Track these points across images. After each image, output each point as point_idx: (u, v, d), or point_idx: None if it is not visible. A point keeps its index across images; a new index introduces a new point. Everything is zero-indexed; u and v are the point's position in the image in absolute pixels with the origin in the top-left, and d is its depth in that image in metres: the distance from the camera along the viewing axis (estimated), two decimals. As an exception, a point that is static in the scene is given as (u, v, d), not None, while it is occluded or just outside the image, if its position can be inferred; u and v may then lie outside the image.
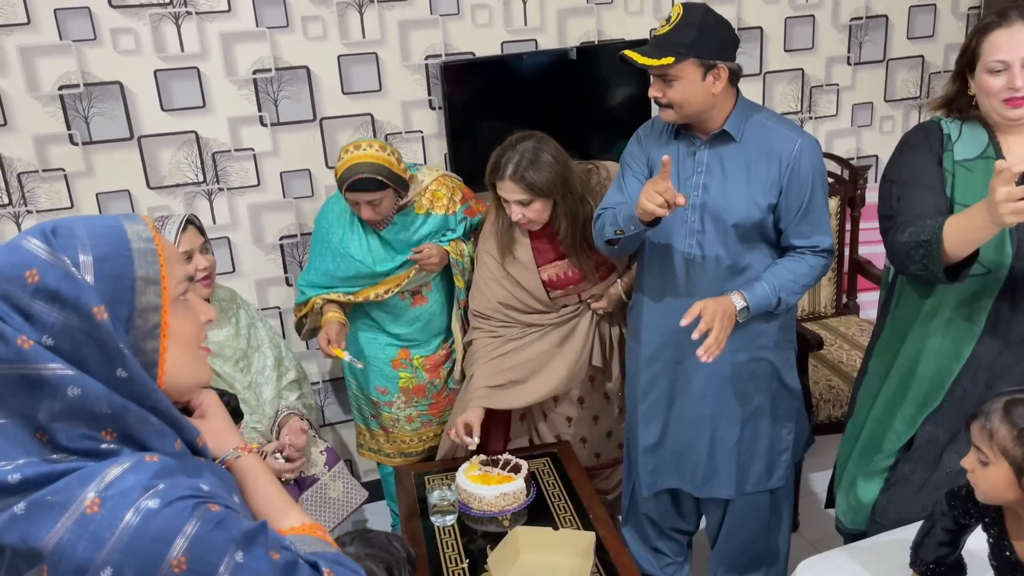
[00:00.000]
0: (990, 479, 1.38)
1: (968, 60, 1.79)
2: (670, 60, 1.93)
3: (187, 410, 1.12)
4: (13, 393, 0.88)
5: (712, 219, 2.07)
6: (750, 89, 3.11)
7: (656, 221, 1.95)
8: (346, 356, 2.45)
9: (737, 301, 2.02)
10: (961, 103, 1.83)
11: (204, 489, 0.92)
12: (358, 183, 2.33)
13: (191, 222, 2.17)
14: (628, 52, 1.98)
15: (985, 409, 1.38)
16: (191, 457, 0.99)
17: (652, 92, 2.02)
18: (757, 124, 2.06)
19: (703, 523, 2.49)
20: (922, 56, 3.36)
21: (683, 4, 1.99)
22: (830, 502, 2.26)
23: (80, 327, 0.88)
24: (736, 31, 2.04)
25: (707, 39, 1.95)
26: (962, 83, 1.82)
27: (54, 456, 0.89)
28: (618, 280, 2.47)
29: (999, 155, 1.76)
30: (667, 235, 2.13)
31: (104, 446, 0.90)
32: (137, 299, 0.92)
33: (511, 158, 2.27)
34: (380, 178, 2.34)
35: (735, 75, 2.02)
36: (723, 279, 2.09)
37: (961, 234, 1.61)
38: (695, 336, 1.93)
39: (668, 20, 1.98)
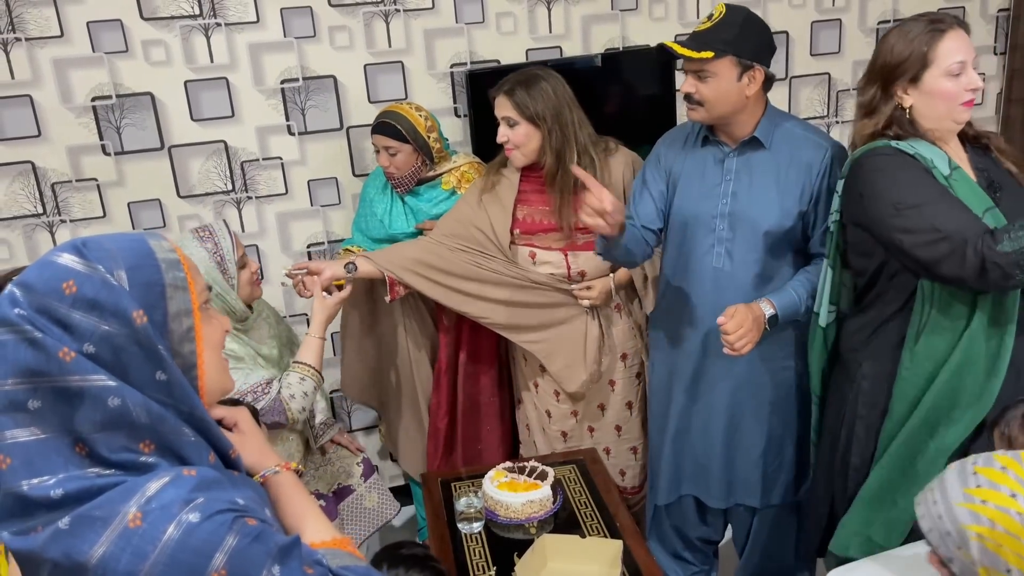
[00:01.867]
0: None
1: (914, 71, 1.72)
2: (709, 54, 1.94)
3: (222, 426, 1.14)
4: (53, 407, 0.90)
5: (742, 227, 2.07)
6: (776, 93, 3.09)
7: (621, 234, 1.95)
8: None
9: (766, 308, 2.01)
10: (897, 119, 1.76)
11: (240, 503, 0.94)
12: (379, 126, 2.49)
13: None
14: (668, 43, 1.99)
15: (1007, 416, 1.37)
16: (225, 470, 1.00)
17: (685, 88, 2.02)
18: (786, 132, 2.05)
19: (729, 532, 2.48)
20: (951, 59, 3.33)
21: (726, 4, 2.00)
22: (821, 550, 2.09)
23: (120, 333, 0.90)
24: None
25: (747, 39, 1.96)
26: (888, 97, 1.76)
27: (93, 470, 0.91)
28: (611, 274, 2.44)
29: (958, 165, 1.74)
30: (694, 243, 2.13)
31: (143, 459, 0.92)
32: (169, 304, 0.95)
33: (513, 77, 2.33)
34: (399, 128, 2.46)
35: (768, 81, 2.02)
36: (752, 287, 2.09)
37: None
38: (721, 320, 1.94)
39: (710, 17, 1.99)
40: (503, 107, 2.31)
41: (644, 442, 2.61)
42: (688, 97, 2.02)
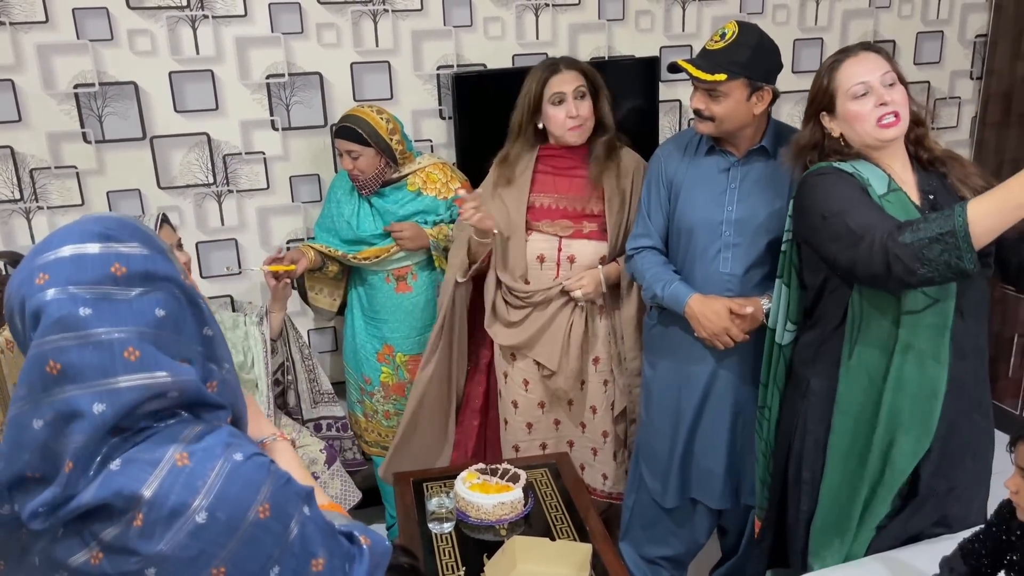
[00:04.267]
0: None
1: (826, 102, 1.80)
2: (722, 77, 1.99)
3: None
4: (115, 407, 0.90)
5: (749, 233, 2.13)
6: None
7: None
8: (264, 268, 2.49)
9: (765, 303, 2.10)
10: (833, 145, 1.82)
11: (264, 453, 0.99)
12: (341, 130, 2.52)
13: (166, 220, 2.20)
14: (681, 62, 2.05)
15: None
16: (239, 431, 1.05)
17: (695, 104, 2.07)
18: (790, 140, 2.11)
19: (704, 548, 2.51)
20: (928, 82, 3.39)
21: (738, 23, 2.05)
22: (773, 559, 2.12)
23: (176, 295, 0.96)
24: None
25: (759, 62, 2.02)
26: (820, 128, 1.83)
27: (130, 432, 0.93)
28: (600, 266, 2.46)
29: (899, 187, 1.77)
30: (700, 250, 2.19)
31: (175, 415, 0.96)
32: (176, 264, 1.00)
33: (561, 58, 2.40)
34: (360, 132, 2.49)
35: (774, 98, 2.09)
36: (759, 290, 2.16)
37: (997, 215, 1.51)
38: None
39: (723, 37, 2.03)
40: (571, 80, 2.32)
41: (606, 445, 2.63)
42: (698, 112, 2.07)
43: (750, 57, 2.00)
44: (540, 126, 2.40)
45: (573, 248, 2.43)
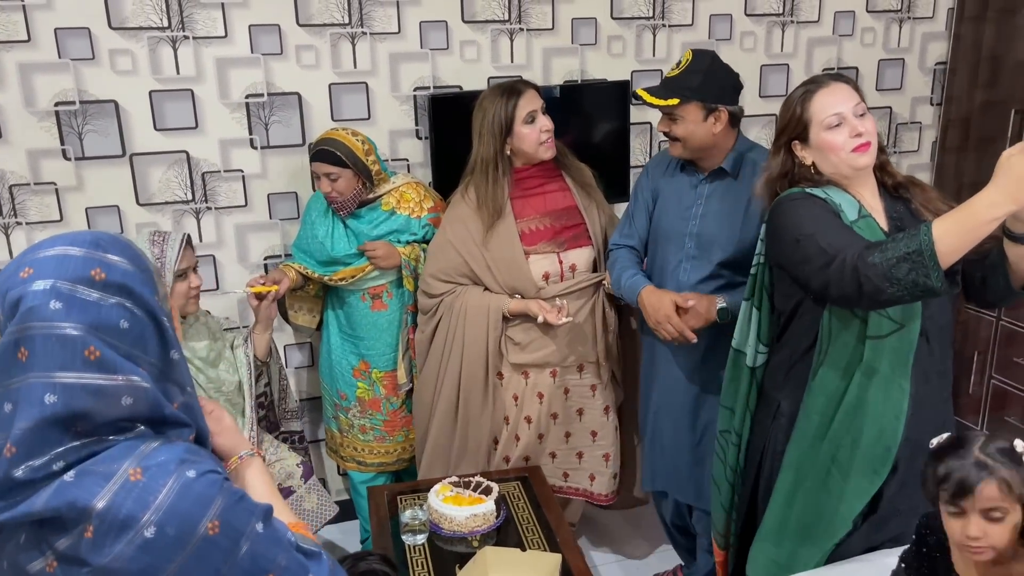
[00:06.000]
0: (1008, 530, 1.41)
1: (799, 131, 1.85)
2: (675, 101, 2.15)
3: None
4: (69, 403, 0.93)
5: (706, 247, 2.26)
6: (726, 132, 3.23)
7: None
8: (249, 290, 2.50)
9: (719, 302, 2.22)
10: (804, 173, 1.87)
11: (220, 470, 1.02)
12: (318, 153, 2.57)
13: (189, 241, 2.25)
14: (640, 91, 2.21)
15: (977, 470, 1.40)
16: (201, 448, 1.07)
17: (660, 127, 2.25)
18: (753, 163, 2.23)
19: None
20: (890, 107, 3.51)
21: (693, 51, 2.20)
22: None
23: (144, 315, 0.99)
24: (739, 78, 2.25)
25: (711, 85, 2.16)
26: (791, 156, 1.88)
27: (88, 439, 0.96)
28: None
29: (868, 213, 1.82)
30: (666, 258, 2.34)
31: (135, 430, 0.99)
32: (158, 288, 1.04)
33: (517, 80, 2.51)
34: (339, 154, 2.54)
35: (736, 117, 2.22)
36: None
37: (961, 234, 1.54)
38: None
39: (678, 64, 2.19)
40: (536, 98, 2.46)
41: (594, 451, 2.68)
42: (665, 134, 2.24)
43: (701, 81, 2.15)
44: (508, 152, 2.47)
45: (571, 258, 2.54)
